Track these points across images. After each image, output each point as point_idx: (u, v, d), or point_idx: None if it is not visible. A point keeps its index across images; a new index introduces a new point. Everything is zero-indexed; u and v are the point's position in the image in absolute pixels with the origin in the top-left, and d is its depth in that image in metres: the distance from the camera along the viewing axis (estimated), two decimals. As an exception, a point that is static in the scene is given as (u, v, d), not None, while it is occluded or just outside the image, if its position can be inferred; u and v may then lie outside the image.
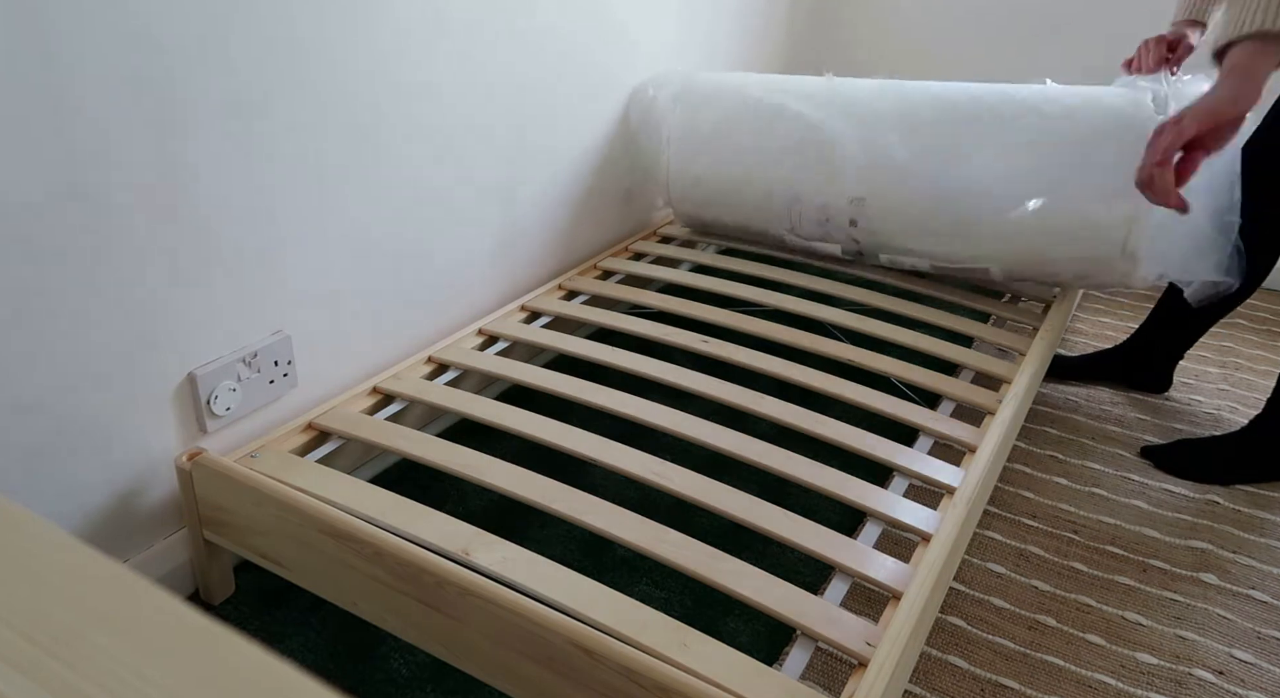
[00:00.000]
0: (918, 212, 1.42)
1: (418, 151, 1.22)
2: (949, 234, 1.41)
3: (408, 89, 1.17)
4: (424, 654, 0.99)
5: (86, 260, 0.86)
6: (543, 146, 1.48)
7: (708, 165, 1.59)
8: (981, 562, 1.19)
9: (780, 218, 1.55)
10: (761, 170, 1.53)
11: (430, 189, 1.26)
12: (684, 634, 0.79)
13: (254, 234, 1.02)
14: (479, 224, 1.38)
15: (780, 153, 1.51)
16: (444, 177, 1.28)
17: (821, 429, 1.12)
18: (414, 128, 1.20)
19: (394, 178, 1.19)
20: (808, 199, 1.50)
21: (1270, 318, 1.98)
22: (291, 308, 1.10)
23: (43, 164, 0.80)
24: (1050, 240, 1.34)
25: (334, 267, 1.14)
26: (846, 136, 1.44)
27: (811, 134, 1.47)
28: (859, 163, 1.43)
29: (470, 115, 1.29)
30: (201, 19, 0.89)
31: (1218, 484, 1.36)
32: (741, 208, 1.60)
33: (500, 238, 1.44)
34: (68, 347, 0.87)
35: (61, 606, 0.25)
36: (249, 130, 0.98)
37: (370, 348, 1.24)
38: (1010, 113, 1.35)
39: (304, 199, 1.07)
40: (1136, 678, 1.01)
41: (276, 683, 0.23)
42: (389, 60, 1.13)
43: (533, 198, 1.49)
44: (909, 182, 1.40)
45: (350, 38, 1.06)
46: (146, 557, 1.02)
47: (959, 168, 1.37)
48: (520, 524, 1.19)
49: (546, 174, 1.51)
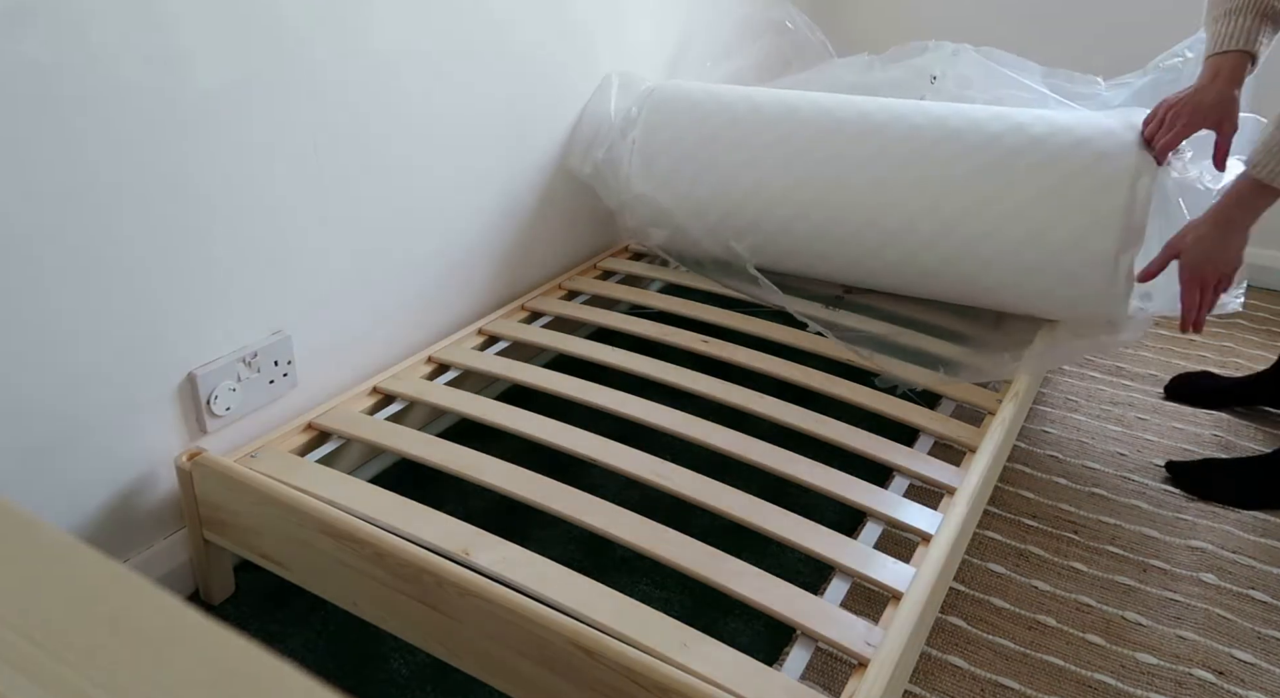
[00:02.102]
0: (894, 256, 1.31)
1: (417, 151, 1.22)
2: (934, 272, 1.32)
3: (408, 89, 1.17)
4: (424, 654, 0.99)
5: (86, 260, 0.86)
6: (543, 147, 1.48)
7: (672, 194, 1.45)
8: (981, 562, 1.19)
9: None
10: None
11: (430, 189, 1.26)
12: (684, 634, 0.79)
13: (254, 234, 1.02)
14: (479, 224, 1.38)
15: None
16: (444, 177, 1.28)
17: (821, 429, 1.12)
18: (414, 127, 1.20)
19: (394, 178, 1.19)
20: None
21: (1270, 318, 1.98)
22: (291, 308, 1.10)
23: (42, 164, 0.80)
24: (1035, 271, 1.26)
25: (334, 267, 1.14)
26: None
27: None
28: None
29: (470, 116, 1.29)
30: (202, 18, 0.89)
31: (1241, 508, 1.32)
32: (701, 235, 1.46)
33: (500, 238, 1.44)
34: (68, 347, 0.87)
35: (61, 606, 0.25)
36: (250, 130, 0.98)
37: (370, 348, 1.24)
38: (995, 136, 1.27)
39: (304, 199, 1.07)
40: (1136, 678, 1.01)
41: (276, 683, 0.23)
42: (389, 61, 1.13)
43: (534, 198, 1.49)
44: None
45: (350, 39, 1.06)
46: (146, 557, 1.02)
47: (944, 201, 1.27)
48: (520, 524, 1.19)
49: (547, 174, 1.51)
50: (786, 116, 1.39)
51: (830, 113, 1.37)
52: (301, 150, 1.05)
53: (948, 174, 1.27)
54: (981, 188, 1.25)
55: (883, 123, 1.33)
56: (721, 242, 1.44)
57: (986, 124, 1.28)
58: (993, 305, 1.34)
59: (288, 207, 1.05)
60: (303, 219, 1.08)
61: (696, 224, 1.44)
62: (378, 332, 1.24)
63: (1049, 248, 1.23)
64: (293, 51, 1.00)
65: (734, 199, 1.40)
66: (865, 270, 1.36)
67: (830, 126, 1.35)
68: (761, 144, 1.38)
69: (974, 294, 1.32)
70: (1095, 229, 1.20)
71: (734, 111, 1.42)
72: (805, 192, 1.34)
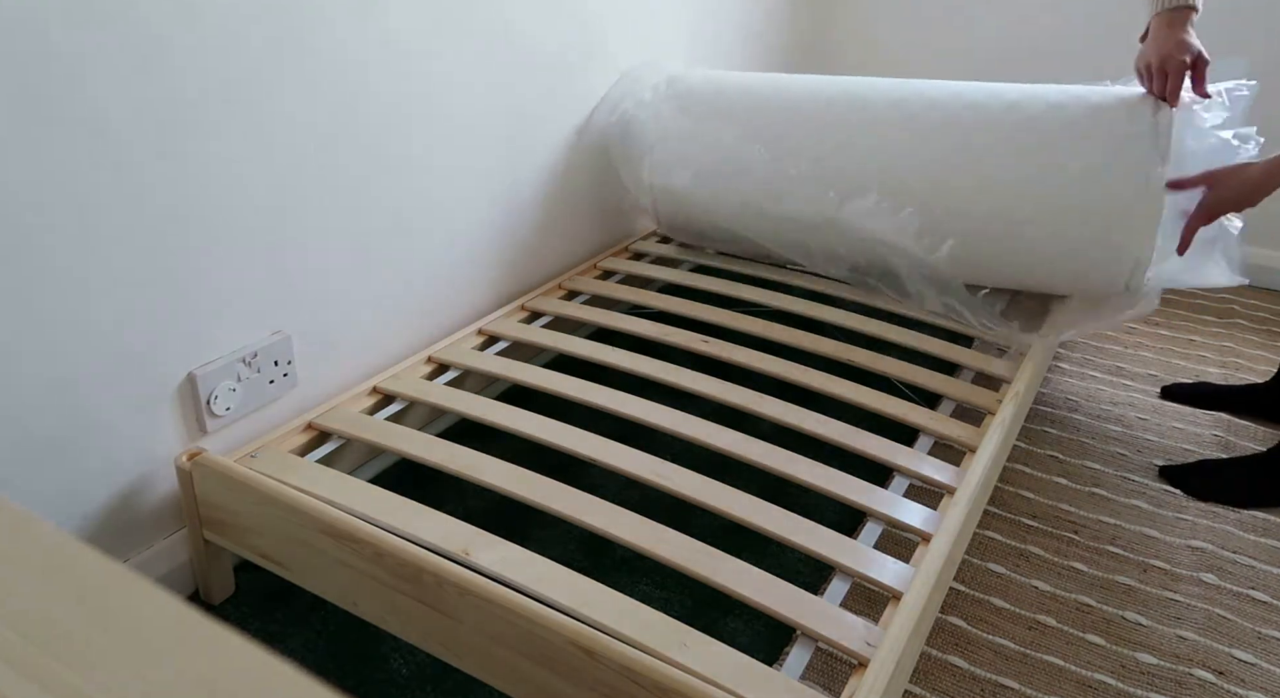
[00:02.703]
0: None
1: (418, 151, 1.22)
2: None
3: (408, 89, 1.17)
4: (424, 654, 0.99)
5: (86, 260, 0.86)
6: (544, 146, 1.48)
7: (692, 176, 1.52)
8: (981, 562, 1.19)
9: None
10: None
11: (430, 188, 1.26)
12: (684, 634, 0.79)
13: (254, 234, 1.02)
14: (479, 224, 1.38)
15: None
16: (444, 176, 1.28)
17: (821, 429, 1.12)
18: (413, 127, 1.20)
19: (394, 177, 1.19)
20: None
21: (1270, 318, 1.98)
22: (291, 308, 1.10)
23: (42, 163, 0.80)
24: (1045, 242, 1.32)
25: (334, 267, 1.14)
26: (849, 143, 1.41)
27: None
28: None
29: (471, 115, 1.29)
30: (203, 20, 0.89)
31: (1240, 508, 1.32)
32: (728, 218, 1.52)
33: (501, 237, 1.44)
34: (68, 347, 0.87)
35: (61, 606, 0.25)
36: (250, 130, 0.98)
37: (370, 348, 1.24)
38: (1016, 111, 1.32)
39: (304, 199, 1.07)
40: (1136, 678, 1.01)
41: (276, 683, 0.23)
42: (388, 62, 1.13)
43: (534, 197, 1.49)
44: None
45: (350, 38, 1.06)
46: (146, 557, 1.02)
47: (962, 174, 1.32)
48: (520, 524, 1.19)
49: (547, 174, 1.51)
50: (814, 94, 1.46)
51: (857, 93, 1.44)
52: (302, 150, 1.05)
53: (977, 144, 1.31)
54: (1013, 155, 1.30)
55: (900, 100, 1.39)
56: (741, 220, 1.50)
57: (1004, 94, 1.35)
58: (1021, 276, 1.37)
59: (288, 206, 1.05)
60: (303, 219, 1.08)
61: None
62: (378, 332, 1.24)
63: (1074, 194, 1.27)
64: (292, 51, 1.00)
65: (763, 159, 1.46)
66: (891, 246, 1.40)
67: (859, 103, 1.42)
68: (787, 118, 1.45)
69: (1002, 267, 1.36)
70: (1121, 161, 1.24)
71: (758, 92, 1.50)
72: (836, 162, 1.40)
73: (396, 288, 1.25)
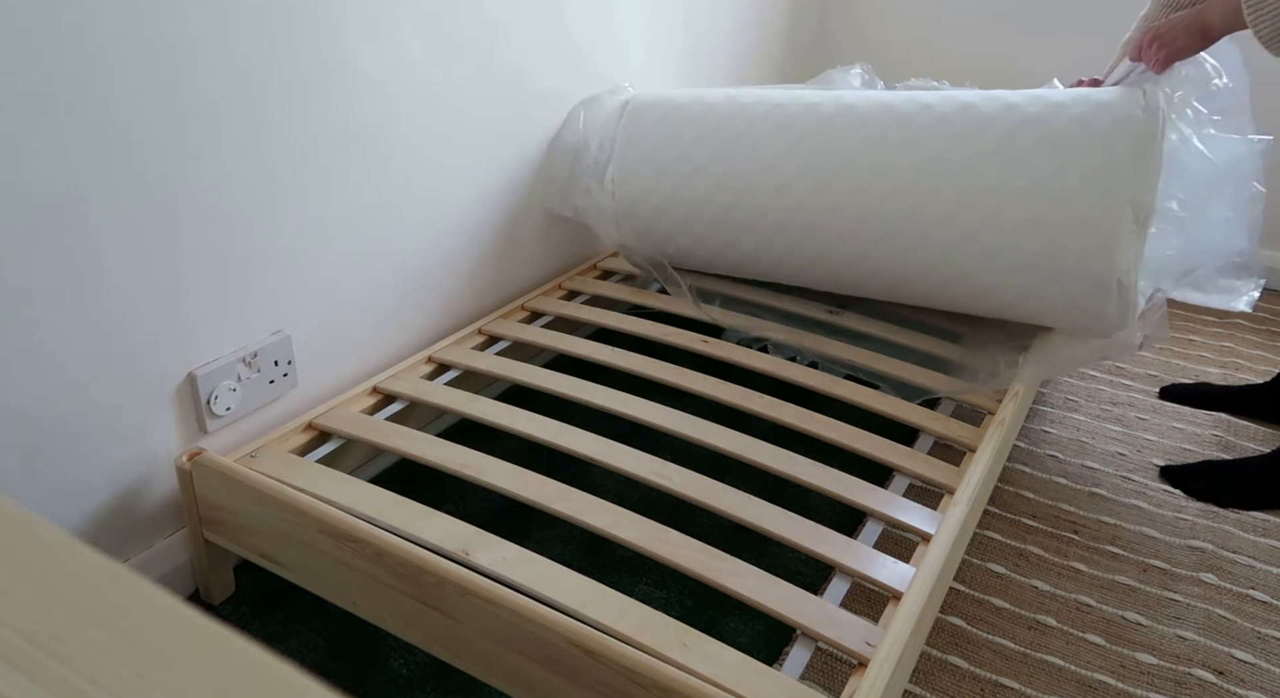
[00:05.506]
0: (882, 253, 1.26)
1: (418, 150, 1.22)
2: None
3: (408, 88, 1.17)
4: (424, 654, 0.99)
5: (86, 261, 0.86)
6: (544, 145, 1.48)
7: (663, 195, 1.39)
8: (981, 562, 1.19)
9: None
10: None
11: (430, 188, 1.26)
12: (684, 634, 0.79)
13: (254, 234, 1.02)
14: (480, 223, 1.38)
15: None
16: (444, 175, 1.28)
17: (821, 429, 1.12)
18: (414, 126, 1.20)
19: (394, 177, 1.19)
20: None
21: (1270, 318, 1.98)
22: (291, 308, 1.10)
23: (42, 163, 0.80)
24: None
25: (334, 266, 1.14)
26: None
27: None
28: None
29: (471, 114, 1.29)
30: (204, 20, 0.89)
31: (1243, 510, 1.32)
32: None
33: (501, 237, 1.44)
34: (68, 347, 0.87)
35: (61, 606, 0.25)
36: (251, 131, 0.98)
37: (370, 348, 1.24)
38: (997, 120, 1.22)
39: (304, 199, 1.07)
40: (1136, 678, 1.01)
41: (276, 683, 0.23)
42: (388, 60, 1.13)
43: (535, 196, 1.49)
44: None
45: (350, 38, 1.06)
46: (146, 557, 1.02)
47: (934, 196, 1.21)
48: (520, 524, 1.19)
49: (547, 174, 1.51)
50: (771, 113, 1.35)
51: (815, 108, 1.33)
52: (301, 149, 1.05)
53: (944, 160, 1.22)
54: (981, 173, 1.20)
55: (869, 113, 1.29)
56: (711, 246, 1.41)
57: (979, 106, 1.24)
58: (995, 305, 1.28)
59: (288, 206, 1.05)
60: (303, 219, 1.08)
61: (683, 233, 1.39)
62: (378, 332, 1.24)
63: (1051, 229, 1.16)
64: (291, 50, 1.00)
65: (725, 201, 1.35)
66: (863, 272, 1.33)
67: (819, 121, 1.31)
68: (746, 145, 1.33)
69: (974, 293, 1.28)
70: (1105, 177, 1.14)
71: (718, 112, 1.37)
72: (794, 192, 1.30)
73: (397, 287, 1.25)
